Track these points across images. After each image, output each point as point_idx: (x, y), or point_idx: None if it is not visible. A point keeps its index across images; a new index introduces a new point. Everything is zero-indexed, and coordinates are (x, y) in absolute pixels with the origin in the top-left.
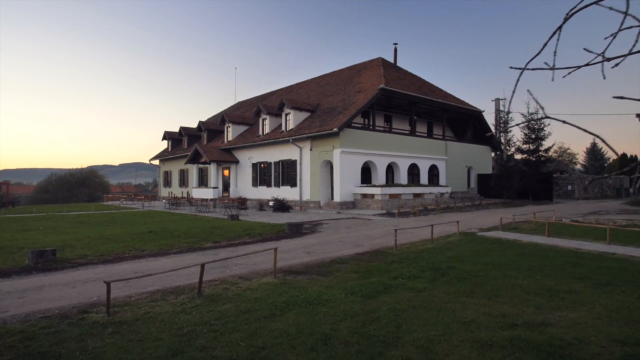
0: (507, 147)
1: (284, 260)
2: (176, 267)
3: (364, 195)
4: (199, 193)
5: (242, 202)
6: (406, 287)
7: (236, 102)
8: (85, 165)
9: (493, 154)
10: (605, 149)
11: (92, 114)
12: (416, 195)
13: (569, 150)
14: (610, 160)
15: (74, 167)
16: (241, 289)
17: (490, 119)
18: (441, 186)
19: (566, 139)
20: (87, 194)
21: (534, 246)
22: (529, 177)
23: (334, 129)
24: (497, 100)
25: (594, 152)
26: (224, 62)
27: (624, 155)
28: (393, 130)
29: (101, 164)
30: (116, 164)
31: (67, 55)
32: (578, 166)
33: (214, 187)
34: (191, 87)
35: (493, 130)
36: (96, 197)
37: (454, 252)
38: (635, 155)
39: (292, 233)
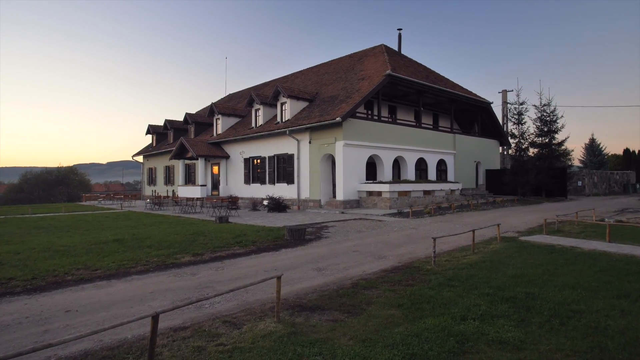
0: (522, 140)
1: (288, 284)
2: (129, 302)
3: (370, 193)
4: (186, 191)
5: (232, 202)
6: (490, 339)
7: (227, 94)
8: (72, 164)
9: (501, 149)
10: (604, 144)
11: (80, 111)
12: (426, 192)
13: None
14: (607, 157)
15: (61, 165)
16: (225, 350)
17: (496, 112)
18: (451, 182)
19: (561, 135)
20: (66, 193)
21: (604, 256)
22: (544, 172)
23: (337, 119)
24: (505, 92)
25: (592, 148)
26: (214, 54)
27: (627, 150)
28: (398, 121)
29: (88, 162)
30: (104, 162)
31: (55, 53)
32: (576, 162)
33: (201, 185)
34: (180, 82)
35: (501, 123)
36: (76, 196)
37: (513, 268)
38: (639, 150)
39: (294, 240)
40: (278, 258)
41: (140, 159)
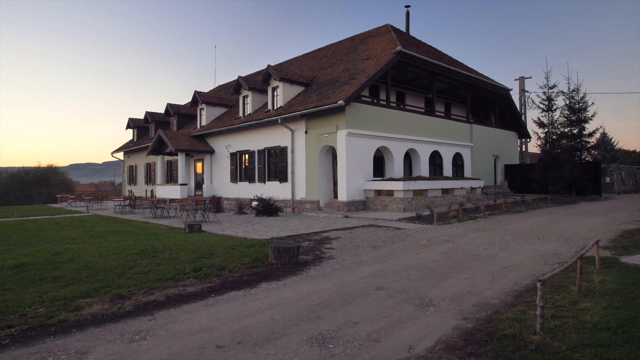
0: (552, 130)
1: None
2: None
3: (379, 192)
4: (165, 191)
5: (214, 203)
6: None
7: (216, 85)
8: (67, 164)
9: (519, 142)
10: (616, 139)
11: (79, 111)
12: (444, 191)
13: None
14: (618, 152)
15: (39, 164)
16: None
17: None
18: (472, 179)
19: None
20: (46, 194)
21: None
22: (578, 167)
23: (339, 102)
24: (522, 79)
25: (604, 142)
26: (206, 46)
27: None
28: (408, 108)
29: (84, 162)
30: (100, 162)
31: (45, 52)
32: (587, 157)
33: (182, 184)
34: (171, 75)
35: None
36: (56, 197)
37: None
38: None
39: (281, 264)
40: (250, 307)
41: (120, 155)
